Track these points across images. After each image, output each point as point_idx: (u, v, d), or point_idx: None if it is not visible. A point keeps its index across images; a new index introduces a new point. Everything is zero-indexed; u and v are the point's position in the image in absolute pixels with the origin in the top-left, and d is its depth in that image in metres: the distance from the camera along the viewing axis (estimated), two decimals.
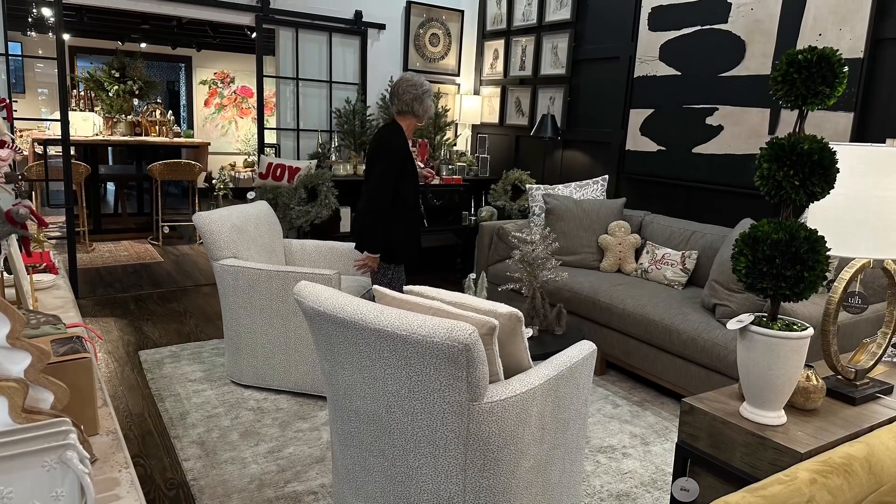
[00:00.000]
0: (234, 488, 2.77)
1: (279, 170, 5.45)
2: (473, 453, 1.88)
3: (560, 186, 5.18)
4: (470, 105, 6.74)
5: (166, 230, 7.79)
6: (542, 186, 5.25)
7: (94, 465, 1.26)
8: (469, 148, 7.07)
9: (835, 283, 1.90)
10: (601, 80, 5.46)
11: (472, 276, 3.76)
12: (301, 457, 3.04)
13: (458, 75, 6.81)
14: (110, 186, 10.45)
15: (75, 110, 8.40)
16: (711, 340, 3.43)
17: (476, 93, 6.92)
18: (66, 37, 9.68)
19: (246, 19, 5.63)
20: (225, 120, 11.70)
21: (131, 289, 5.73)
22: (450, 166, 6.28)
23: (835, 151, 1.67)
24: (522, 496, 2.03)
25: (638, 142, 5.08)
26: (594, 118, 5.55)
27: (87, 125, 7.92)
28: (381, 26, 6.25)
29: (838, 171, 1.68)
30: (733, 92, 4.37)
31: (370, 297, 3.83)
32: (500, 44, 6.51)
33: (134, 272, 6.31)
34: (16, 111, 5.99)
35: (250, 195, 5.81)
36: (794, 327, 1.74)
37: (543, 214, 4.98)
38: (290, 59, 5.89)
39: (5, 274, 2.14)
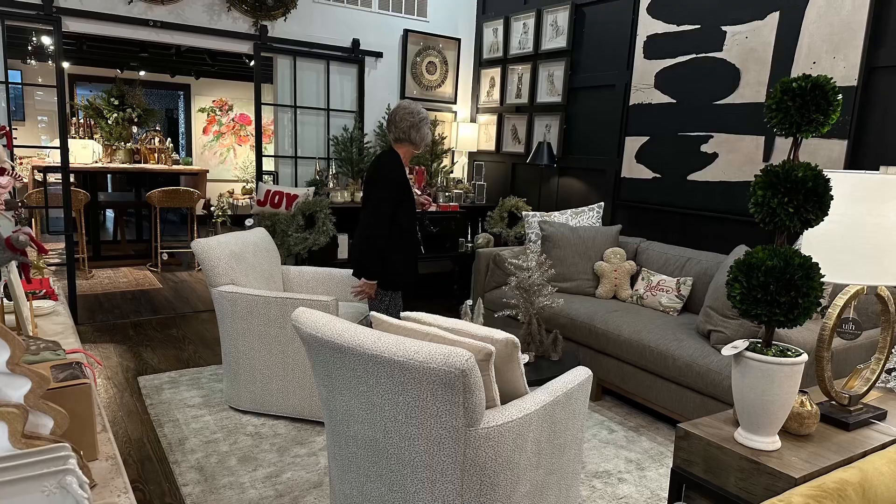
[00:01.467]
0: None
1: (277, 197, 5.48)
2: (470, 478, 1.88)
3: (556, 213, 5.21)
4: (466, 132, 6.79)
5: (165, 257, 7.81)
6: (538, 213, 5.28)
7: (93, 490, 1.26)
8: (466, 175, 7.12)
9: (829, 310, 1.91)
10: (597, 107, 5.52)
11: (469, 302, 3.77)
12: (299, 482, 3.03)
13: (454, 103, 6.88)
14: (109, 213, 10.47)
15: (75, 138, 8.45)
16: (706, 366, 3.44)
17: (473, 120, 6.98)
18: (65, 65, 9.79)
19: (244, 48, 5.70)
20: (223, 147, 11.76)
21: (130, 315, 5.72)
22: (446, 193, 6.32)
23: (829, 179, 1.69)
24: None
25: (633, 169, 5.12)
26: (590, 146, 5.60)
27: (86, 153, 7.96)
28: (379, 54, 6.32)
29: (832, 199, 1.71)
30: (728, 120, 4.42)
31: (367, 323, 3.84)
32: (496, 72, 6.58)
33: (133, 299, 6.31)
34: (16, 138, 6.03)
35: (248, 222, 5.83)
36: (789, 353, 1.75)
37: (539, 241, 5.00)
38: (288, 86, 5.95)
39: (5, 300, 2.15)
